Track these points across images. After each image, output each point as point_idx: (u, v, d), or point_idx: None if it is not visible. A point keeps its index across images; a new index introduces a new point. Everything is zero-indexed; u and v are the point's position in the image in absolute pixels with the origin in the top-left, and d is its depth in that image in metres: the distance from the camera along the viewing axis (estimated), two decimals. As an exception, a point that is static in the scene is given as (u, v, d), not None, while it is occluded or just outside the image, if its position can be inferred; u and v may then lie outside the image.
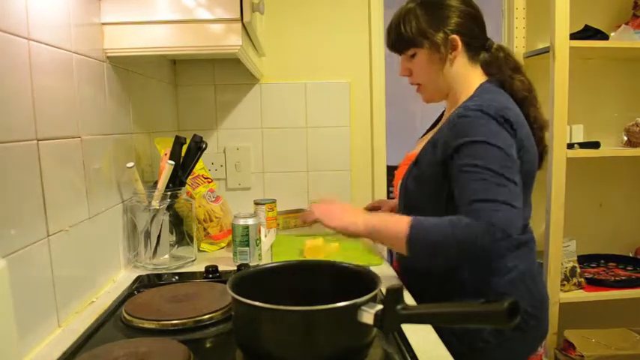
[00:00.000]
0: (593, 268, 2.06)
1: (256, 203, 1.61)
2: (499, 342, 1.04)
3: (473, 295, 1.06)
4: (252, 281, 0.82)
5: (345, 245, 1.37)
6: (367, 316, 0.68)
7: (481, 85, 1.11)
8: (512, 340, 1.05)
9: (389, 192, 2.02)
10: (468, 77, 1.13)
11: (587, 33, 1.88)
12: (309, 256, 1.30)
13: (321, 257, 1.29)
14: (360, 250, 1.39)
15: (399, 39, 1.14)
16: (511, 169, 0.97)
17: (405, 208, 1.15)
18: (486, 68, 1.15)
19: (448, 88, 1.16)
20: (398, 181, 1.19)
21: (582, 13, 1.92)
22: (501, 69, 1.14)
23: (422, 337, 0.84)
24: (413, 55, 1.14)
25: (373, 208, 1.42)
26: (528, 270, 1.10)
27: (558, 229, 1.79)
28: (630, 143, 1.95)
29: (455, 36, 1.10)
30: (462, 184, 0.99)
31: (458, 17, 1.10)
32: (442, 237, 0.95)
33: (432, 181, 1.07)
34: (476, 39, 1.13)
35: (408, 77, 1.19)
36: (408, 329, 0.84)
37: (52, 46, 0.90)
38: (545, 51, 1.80)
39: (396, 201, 1.30)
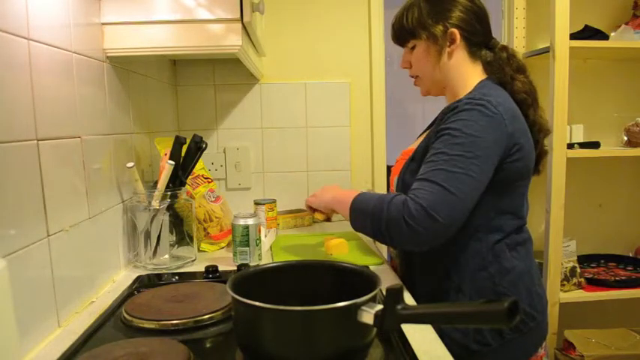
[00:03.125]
0: (593, 268, 2.06)
1: (256, 203, 1.61)
2: (498, 344, 1.04)
3: (471, 296, 1.06)
4: (252, 281, 0.82)
5: (352, 245, 1.38)
6: (367, 316, 0.68)
7: (480, 82, 1.12)
8: (512, 342, 1.05)
9: (389, 192, 2.01)
10: (467, 73, 1.14)
11: (587, 33, 1.88)
12: (335, 253, 1.31)
13: (345, 252, 1.32)
14: (363, 250, 1.39)
15: (400, 30, 1.17)
16: (473, 159, 0.97)
17: None
18: (487, 67, 1.15)
19: (444, 82, 1.17)
20: (394, 177, 1.20)
21: (582, 13, 1.92)
22: (503, 69, 1.13)
23: (422, 337, 0.84)
24: (413, 47, 1.17)
25: None
26: (527, 271, 1.10)
27: (558, 229, 1.79)
28: (630, 143, 1.95)
29: (454, 29, 1.11)
30: (424, 163, 1.03)
31: (460, 12, 1.12)
32: (372, 206, 1.03)
33: None
34: (477, 35, 1.14)
35: (408, 70, 1.22)
36: (408, 329, 0.84)
37: (52, 46, 0.91)
38: (545, 51, 1.80)
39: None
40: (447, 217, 0.94)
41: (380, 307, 0.68)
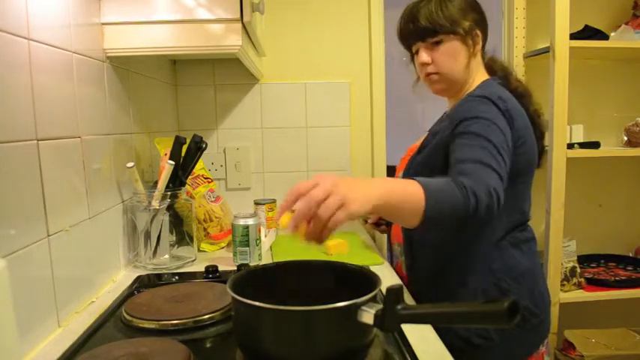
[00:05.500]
0: (593, 268, 2.06)
1: (256, 203, 1.61)
2: (500, 340, 1.05)
3: (476, 292, 1.07)
4: (252, 281, 0.82)
5: (352, 244, 1.38)
6: (367, 316, 0.68)
7: (485, 81, 1.14)
8: (514, 338, 1.05)
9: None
10: (477, 74, 1.16)
11: (587, 33, 1.88)
12: (335, 253, 1.31)
13: (345, 252, 1.31)
14: (363, 250, 1.39)
15: (430, 25, 1.11)
16: (505, 150, 0.97)
17: None
18: (488, 69, 1.20)
19: (464, 81, 1.17)
20: (399, 173, 1.21)
21: (582, 13, 1.92)
22: (497, 71, 1.19)
23: (422, 337, 0.84)
24: (437, 43, 1.13)
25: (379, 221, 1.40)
26: (531, 270, 1.10)
27: (558, 229, 1.79)
28: (630, 143, 1.95)
29: (477, 30, 1.13)
30: (460, 147, 0.97)
31: (476, 14, 1.14)
32: (453, 205, 0.83)
33: (436, 166, 1.07)
34: (486, 38, 1.17)
35: (426, 65, 1.16)
36: (408, 329, 0.84)
37: (52, 46, 0.90)
38: (545, 51, 1.80)
39: None
40: (501, 204, 0.89)
41: (380, 307, 0.68)
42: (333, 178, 0.76)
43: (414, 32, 1.15)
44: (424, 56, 1.15)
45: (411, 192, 0.81)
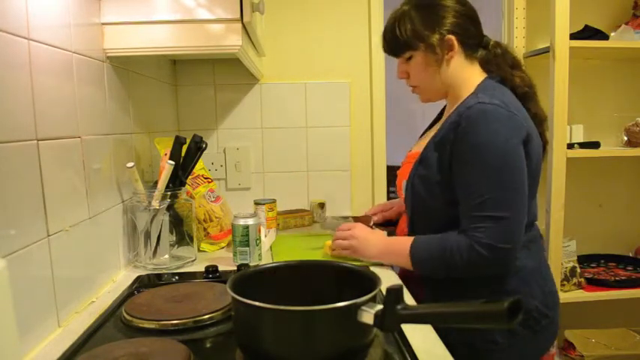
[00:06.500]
0: (593, 268, 2.06)
1: (256, 203, 1.61)
2: (510, 343, 1.03)
3: (484, 295, 1.05)
4: (252, 281, 0.82)
5: None
6: (367, 316, 0.68)
7: (482, 82, 1.11)
8: (524, 340, 1.04)
9: (389, 192, 2.02)
10: (467, 75, 1.13)
11: (587, 33, 1.88)
12: (336, 253, 1.30)
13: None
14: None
15: (394, 42, 1.15)
16: (511, 170, 0.97)
17: (413, 210, 1.14)
18: (485, 66, 1.15)
19: (446, 88, 1.15)
20: (401, 181, 1.18)
21: (582, 13, 1.92)
22: (500, 66, 1.14)
23: (422, 337, 0.84)
24: (409, 58, 1.14)
25: (386, 222, 1.45)
26: (538, 268, 1.09)
27: (558, 229, 1.79)
28: (630, 143, 1.95)
29: (451, 36, 1.09)
30: (461, 197, 1.04)
31: (453, 17, 1.10)
32: (438, 260, 1.05)
33: (440, 182, 1.06)
34: (472, 37, 1.13)
35: (405, 80, 1.20)
36: (408, 329, 0.84)
37: (52, 46, 0.90)
38: (545, 51, 1.80)
39: (400, 200, 1.30)
40: (511, 241, 1.00)
41: (380, 307, 0.68)
42: (361, 241, 1.22)
43: (387, 49, 1.19)
44: (398, 72, 1.19)
45: (398, 253, 1.13)
